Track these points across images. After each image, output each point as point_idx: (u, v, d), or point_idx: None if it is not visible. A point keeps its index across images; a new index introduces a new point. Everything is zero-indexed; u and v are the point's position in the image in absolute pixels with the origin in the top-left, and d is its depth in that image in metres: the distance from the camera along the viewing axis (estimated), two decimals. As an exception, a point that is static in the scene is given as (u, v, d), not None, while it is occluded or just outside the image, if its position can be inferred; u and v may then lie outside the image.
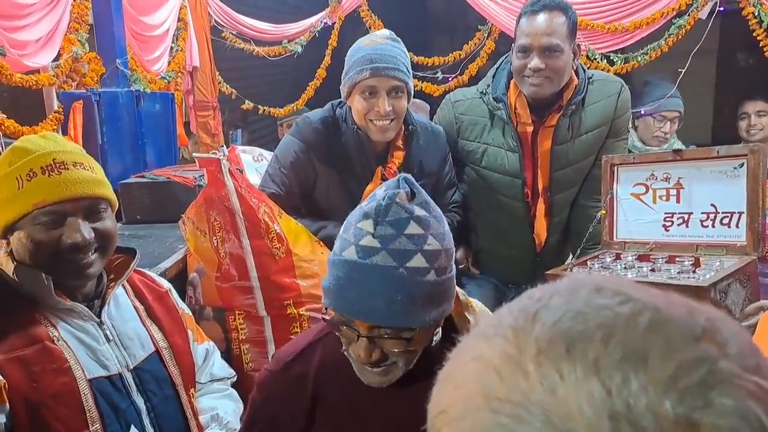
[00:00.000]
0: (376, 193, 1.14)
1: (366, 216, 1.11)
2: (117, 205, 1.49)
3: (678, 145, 3.20)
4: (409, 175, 1.16)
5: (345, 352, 1.17)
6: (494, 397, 0.38)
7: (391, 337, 1.09)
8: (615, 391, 0.35)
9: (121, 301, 1.53)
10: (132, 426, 1.40)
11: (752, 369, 0.37)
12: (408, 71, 2.21)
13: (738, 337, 0.39)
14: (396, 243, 1.06)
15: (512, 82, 2.40)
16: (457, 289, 1.21)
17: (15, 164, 1.34)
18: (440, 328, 1.19)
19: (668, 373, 0.35)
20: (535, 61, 2.24)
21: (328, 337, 1.27)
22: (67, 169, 1.35)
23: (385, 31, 2.29)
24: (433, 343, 1.18)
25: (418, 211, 1.11)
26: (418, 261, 1.06)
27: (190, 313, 1.77)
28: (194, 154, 2.32)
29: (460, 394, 0.41)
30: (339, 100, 2.33)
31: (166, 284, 1.71)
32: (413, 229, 1.08)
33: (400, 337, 1.09)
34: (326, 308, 1.15)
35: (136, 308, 1.55)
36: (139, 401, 1.45)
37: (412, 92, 2.27)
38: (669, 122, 3.25)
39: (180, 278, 2.38)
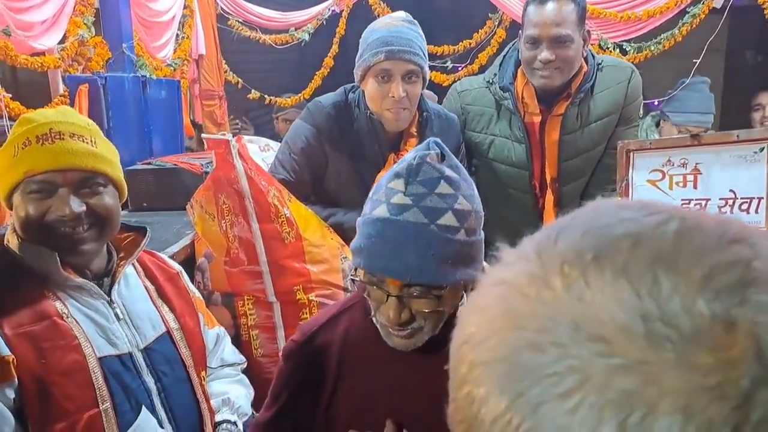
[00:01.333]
0: (406, 156, 1.13)
1: (397, 176, 1.11)
2: (122, 184, 1.45)
3: None
4: (438, 139, 1.16)
5: (373, 317, 1.17)
6: (518, 315, 0.37)
7: (421, 295, 1.09)
8: (645, 293, 0.33)
9: (131, 280, 1.50)
10: (143, 406, 1.38)
11: None
12: (424, 55, 2.15)
13: (764, 239, 0.37)
14: (427, 201, 1.07)
15: (519, 70, 2.36)
16: (484, 263, 1.19)
17: (16, 133, 1.33)
18: (465, 295, 1.17)
19: (701, 274, 0.34)
20: (544, 54, 2.20)
21: (353, 309, 1.29)
22: (62, 139, 1.32)
23: (402, 13, 2.22)
24: (458, 310, 1.16)
25: (449, 172, 1.11)
26: (448, 219, 1.07)
27: (201, 297, 1.75)
28: (203, 135, 2.29)
29: (483, 319, 0.40)
30: (352, 84, 2.28)
31: (176, 266, 1.68)
32: (444, 188, 1.09)
33: (430, 295, 1.09)
34: (355, 269, 1.15)
35: (146, 288, 1.53)
36: (150, 381, 1.43)
37: (428, 78, 2.22)
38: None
39: (188, 264, 2.35)
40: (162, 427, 1.42)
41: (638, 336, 0.32)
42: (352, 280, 1.17)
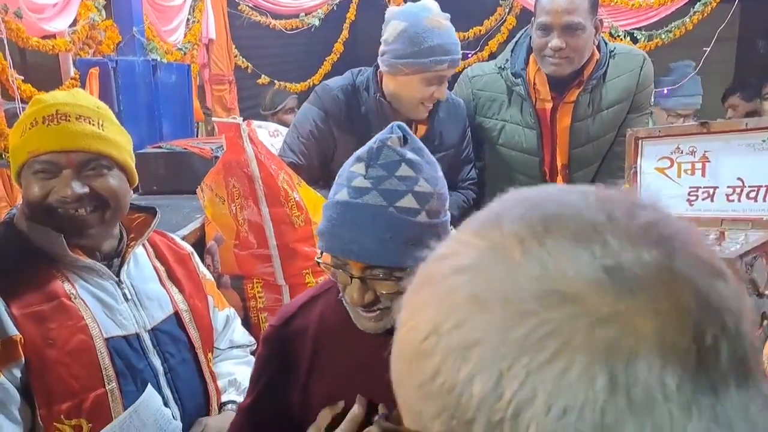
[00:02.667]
0: (369, 141, 1.15)
1: (358, 159, 1.12)
2: (130, 168, 1.45)
3: None
4: (403, 123, 1.17)
5: (342, 299, 1.18)
6: (484, 298, 0.38)
7: (384, 277, 1.09)
8: (599, 252, 0.36)
9: (141, 261, 1.51)
10: (148, 384, 1.39)
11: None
12: None
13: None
14: (386, 183, 1.08)
15: (531, 56, 2.35)
16: None
17: (26, 113, 1.35)
18: None
19: (634, 230, 0.38)
20: (555, 41, 2.19)
21: (328, 293, 1.29)
22: (68, 120, 1.32)
23: (437, 6, 2.20)
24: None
25: (410, 155, 1.11)
26: (408, 201, 1.08)
27: (212, 279, 1.76)
28: (214, 119, 2.31)
29: (446, 308, 0.40)
30: (359, 68, 2.29)
31: (188, 247, 1.69)
32: (404, 171, 1.09)
33: (392, 277, 1.09)
34: (321, 253, 1.16)
35: (156, 269, 1.54)
36: (156, 362, 1.44)
37: None
38: (683, 118, 3.20)
39: (198, 246, 2.37)
40: (167, 406, 1.43)
41: (607, 289, 0.35)
42: (317, 262, 1.18)
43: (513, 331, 0.35)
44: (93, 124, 1.35)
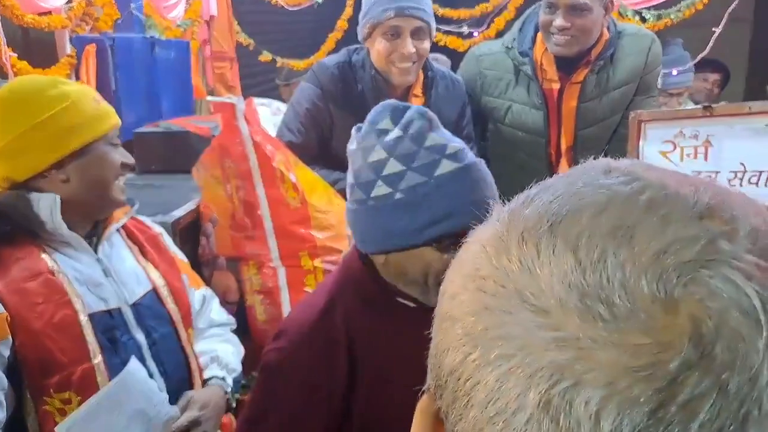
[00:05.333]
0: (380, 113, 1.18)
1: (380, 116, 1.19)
2: None
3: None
4: (393, 101, 1.20)
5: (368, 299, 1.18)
6: (479, 276, 0.38)
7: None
8: (589, 268, 0.33)
9: (114, 241, 1.54)
10: (132, 356, 1.41)
11: (762, 252, 0.32)
12: (431, 11, 2.17)
13: (753, 216, 0.34)
14: (449, 149, 1.12)
15: (539, 36, 2.33)
16: None
17: (75, 93, 1.40)
18: None
19: (653, 251, 0.32)
20: (559, 20, 2.17)
21: (342, 298, 1.20)
22: (98, 102, 1.46)
23: None
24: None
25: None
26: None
27: (185, 259, 1.78)
28: (208, 98, 2.30)
29: (457, 274, 0.41)
30: (355, 46, 2.28)
31: (157, 228, 1.72)
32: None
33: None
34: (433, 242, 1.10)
35: (130, 248, 1.57)
36: (139, 336, 1.47)
37: (434, 34, 2.22)
38: (675, 98, 3.16)
39: (193, 227, 2.36)
40: (152, 379, 1.45)
41: (573, 312, 0.32)
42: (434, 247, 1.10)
43: (486, 321, 0.35)
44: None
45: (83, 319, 1.35)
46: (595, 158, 0.43)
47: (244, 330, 1.95)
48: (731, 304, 0.30)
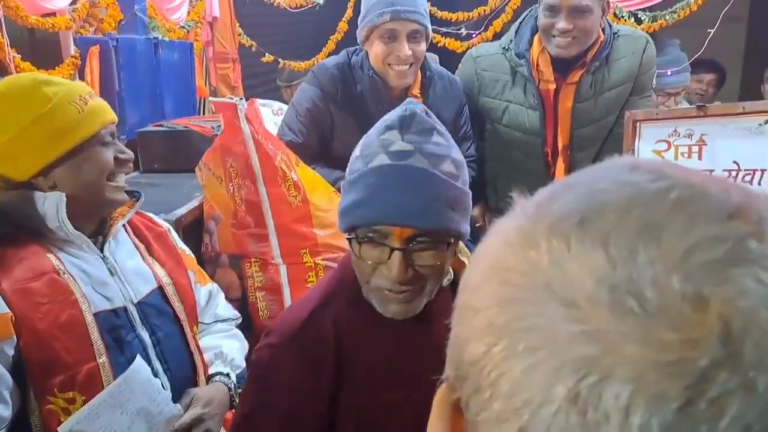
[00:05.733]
0: (392, 113, 1.13)
1: (389, 128, 1.09)
2: None
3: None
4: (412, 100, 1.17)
5: (365, 288, 1.13)
6: (504, 268, 0.38)
7: (427, 247, 1.06)
8: (620, 265, 0.33)
9: (121, 239, 1.53)
10: (137, 355, 1.41)
11: None
12: (427, 14, 2.20)
13: None
14: (427, 147, 1.06)
15: (536, 37, 2.35)
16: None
17: (57, 95, 1.34)
18: (452, 271, 1.18)
19: (682, 249, 0.32)
20: (562, 23, 2.19)
21: (334, 302, 1.20)
22: (92, 98, 1.41)
23: None
24: (445, 283, 1.16)
25: (437, 125, 1.11)
26: (448, 166, 1.06)
27: (192, 255, 1.77)
28: (210, 99, 2.33)
29: (479, 267, 0.41)
30: (355, 47, 2.31)
31: (164, 224, 1.71)
32: (437, 138, 1.08)
33: (436, 246, 1.06)
34: (349, 230, 1.10)
35: (136, 246, 1.56)
36: (144, 335, 1.46)
37: (430, 36, 2.25)
38: (672, 97, 3.19)
39: (196, 225, 2.39)
40: (157, 378, 1.44)
41: (603, 305, 0.32)
42: (349, 239, 1.11)
43: (511, 312, 0.35)
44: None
45: (89, 318, 1.34)
46: (620, 155, 0.43)
47: (246, 327, 1.97)
48: (760, 303, 0.30)
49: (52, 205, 1.33)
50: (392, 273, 1.05)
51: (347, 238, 1.12)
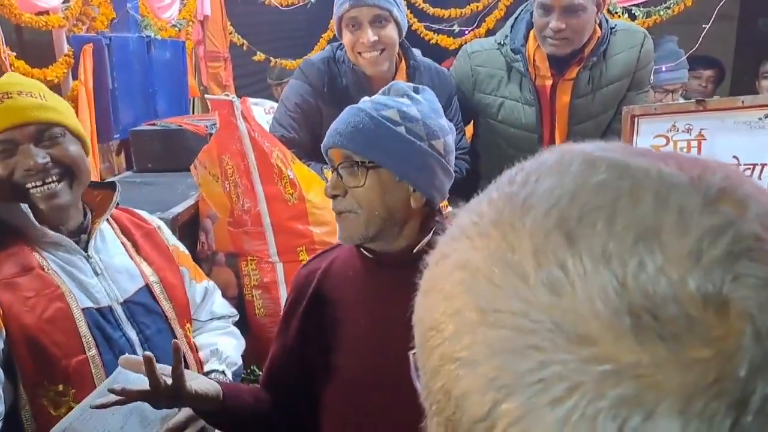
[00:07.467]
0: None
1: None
2: (82, 135, 1.47)
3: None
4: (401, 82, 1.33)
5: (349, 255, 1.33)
6: (491, 310, 0.33)
7: (348, 165, 1.22)
8: (630, 281, 0.29)
9: (107, 236, 1.52)
10: (126, 353, 1.39)
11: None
12: None
13: (760, 194, 0.33)
14: (382, 101, 1.24)
15: (531, 33, 2.34)
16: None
17: None
18: (431, 232, 1.26)
19: (686, 250, 0.30)
20: (555, 22, 2.18)
21: (344, 246, 1.38)
22: (11, 97, 1.35)
23: None
24: (420, 246, 1.25)
25: (415, 94, 1.27)
26: (392, 113, 1.20)
27: (186, 252, 1.75)
28: (206, 96, 2.31)
29: (450, 310, 0.35)
30: (339, 42, 2.29)
31: (155, 221, 1.70)
32: (401, 99, 1.25)
33: (356, 168, 1.21)
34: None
35: (123, 244, 1.55)
36: (131, 333, 1.46)
37: (403, 22, 2.21)
38: (670, 94, 3.19)
39: (192, 224, 2.37)
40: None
41: (626, 334, 0.29)
42: (331, 170, 1.29)
43: (517, 363, 0.31)
44: (35, 97, 1.38)
45: (77, 312, 1.35)
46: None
47: (243, 325, 1.96)
48: None
49: (21, 216, 1.34)
50: (327, 189, 1.26)
51: (325, 172, 1.40)
